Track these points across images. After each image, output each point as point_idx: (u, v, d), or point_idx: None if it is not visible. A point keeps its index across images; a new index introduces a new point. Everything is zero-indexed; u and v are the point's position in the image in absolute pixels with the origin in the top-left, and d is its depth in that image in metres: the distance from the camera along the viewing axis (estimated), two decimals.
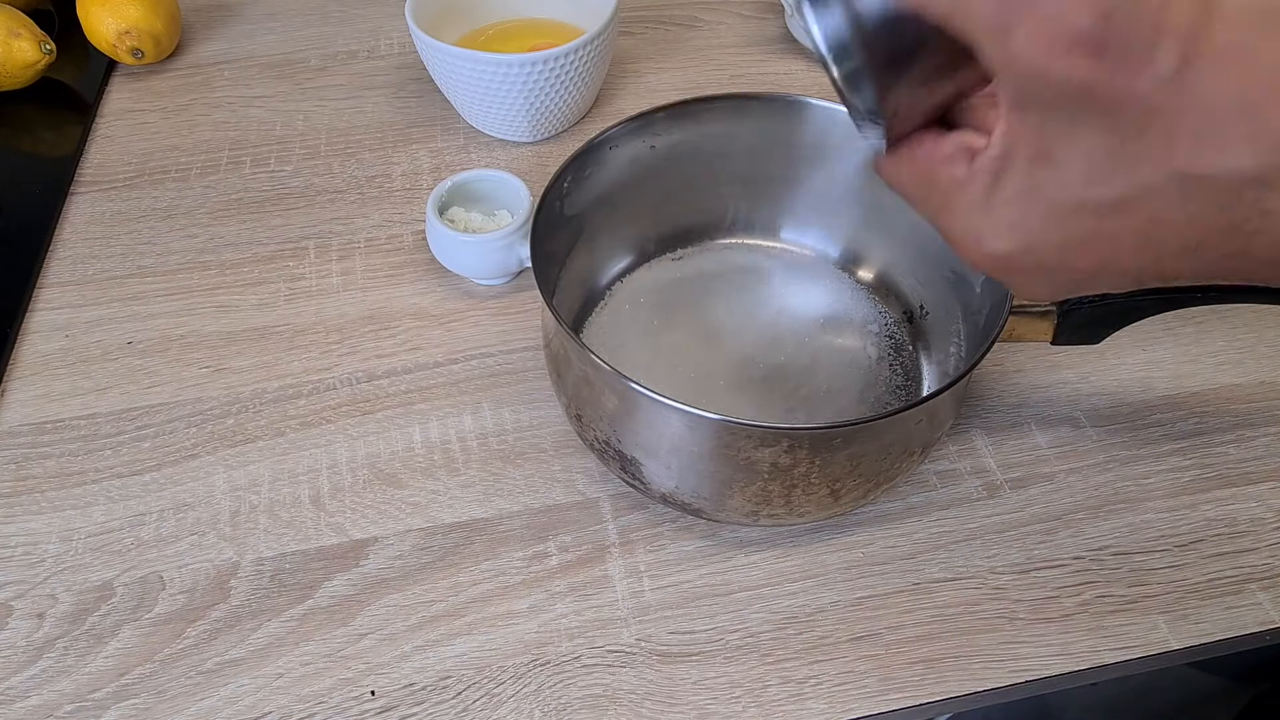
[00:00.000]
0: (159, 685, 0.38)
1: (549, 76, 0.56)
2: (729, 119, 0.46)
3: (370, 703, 0.37)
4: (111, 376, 0.48)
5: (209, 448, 0.45)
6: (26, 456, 0.45)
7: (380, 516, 0.43)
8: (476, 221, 0.52)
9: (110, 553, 0.41)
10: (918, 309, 0.47)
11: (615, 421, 0.38)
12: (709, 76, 0.67)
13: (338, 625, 0.39)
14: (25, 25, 0.63)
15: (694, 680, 0.38)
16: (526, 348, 0.50)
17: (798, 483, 0.36)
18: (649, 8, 0.74)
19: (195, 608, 0.40)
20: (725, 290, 0.48)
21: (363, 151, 0.61)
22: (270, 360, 0.49)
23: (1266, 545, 0.42)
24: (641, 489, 0.40)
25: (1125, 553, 0.42)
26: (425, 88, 0.65)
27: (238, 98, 0.65)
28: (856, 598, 0.40)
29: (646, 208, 0.48)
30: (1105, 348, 0.46)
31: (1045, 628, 0.39)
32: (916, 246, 0.46)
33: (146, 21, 0.64)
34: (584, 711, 0.37)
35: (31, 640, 0.39)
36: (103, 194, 0.58)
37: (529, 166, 0.60)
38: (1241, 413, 0.47)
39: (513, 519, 0.43)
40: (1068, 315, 0.38)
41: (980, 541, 0.42)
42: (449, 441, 0.45)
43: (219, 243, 0.55)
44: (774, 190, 0.49)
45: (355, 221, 0.56)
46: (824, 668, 0.38)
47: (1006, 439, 0.46)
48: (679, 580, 0.41)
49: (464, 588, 0.40)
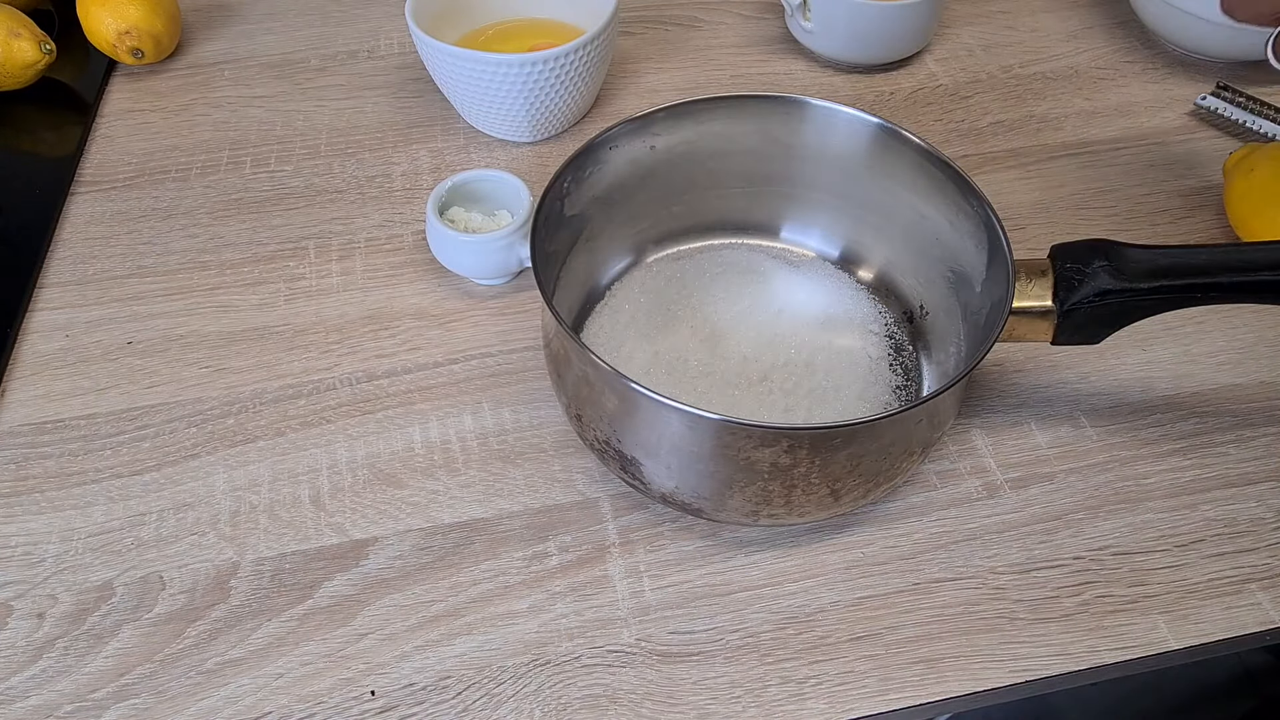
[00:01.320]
0: (159, 685, 0.38)
1: (549, 76, 0.56)
2: (729, 119, 0.46)
3: (370, 703, 0.37)
4: (111, 376, 0.48)
5: (209, 448, 0.45)
6: (26, 456, 0.45)
7: (380, 516, 0.43)
8: (476, 221, 0.52)
9: (110, 553, 0.41)
10: (918, 309, 0.47)
11: (615, 421, 0.38)
12: (709, 76, 0.67)
13: (338, 625, 0.39)
14: (25, 25, 0.62)
15: (694, 680, 0.38)
16: (526, 348, 0.50)
17: (798, 483, 0.36)
18: (649, 8, 0.74)
19: (195, 608, 0.40)
20: (725, 290, 0.48)
21: (363, 151, 0.61)
22: (270, 360, 0.49)
23: (1266, 545, 0.42)
24: (641, 489, 0.40)
25: (1125, 553, 0.42)
26: (425, 88, 0.65)
27: (238, 98, 0.65)
28: (856, 598, 0.40)
29: (646, 208, 0.48)
30: (1105, 348, 0.46)
31: (1045, 628, 0.39)
32: (916, 246, 0.46)
33: (146, 21, 0.64)
34: (584, 711, 0.37)
35: (31, 640, 0.39)
36: (103, 194, 0.58)
37: (529, 166, 0.60)
38: (1241, 413, 0.47)
39: (513, 519, 0.43)
40: (1068, 315, 0.38)
41: (980, 541, 0.42)
42: (449, 441, 0.45)
43: (219, 243, 0.55)
44: (774, 190, 0.49)
45: (355, 221, 0.56)
46: (824, 668, 0.38)
47: (1006, 439, 0.46)
48: (679, 580, 0.41)
49: (464, 588, 0.40)
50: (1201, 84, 0.66)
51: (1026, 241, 0.55)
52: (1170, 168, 0.60)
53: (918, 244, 0.46)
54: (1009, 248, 0.38)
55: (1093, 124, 0.63)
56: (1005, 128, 0.63)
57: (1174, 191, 0.59)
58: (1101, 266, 0.37)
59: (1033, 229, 0.56)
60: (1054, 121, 0.63)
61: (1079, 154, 0.61)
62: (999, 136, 0.62)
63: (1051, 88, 0.66)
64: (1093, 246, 0.38)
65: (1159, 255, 0.38)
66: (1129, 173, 0.60)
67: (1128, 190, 0.59)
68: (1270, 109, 0.61)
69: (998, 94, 0.66)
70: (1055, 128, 0.63)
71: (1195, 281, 0.37)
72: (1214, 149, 0.61)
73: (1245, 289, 0.37)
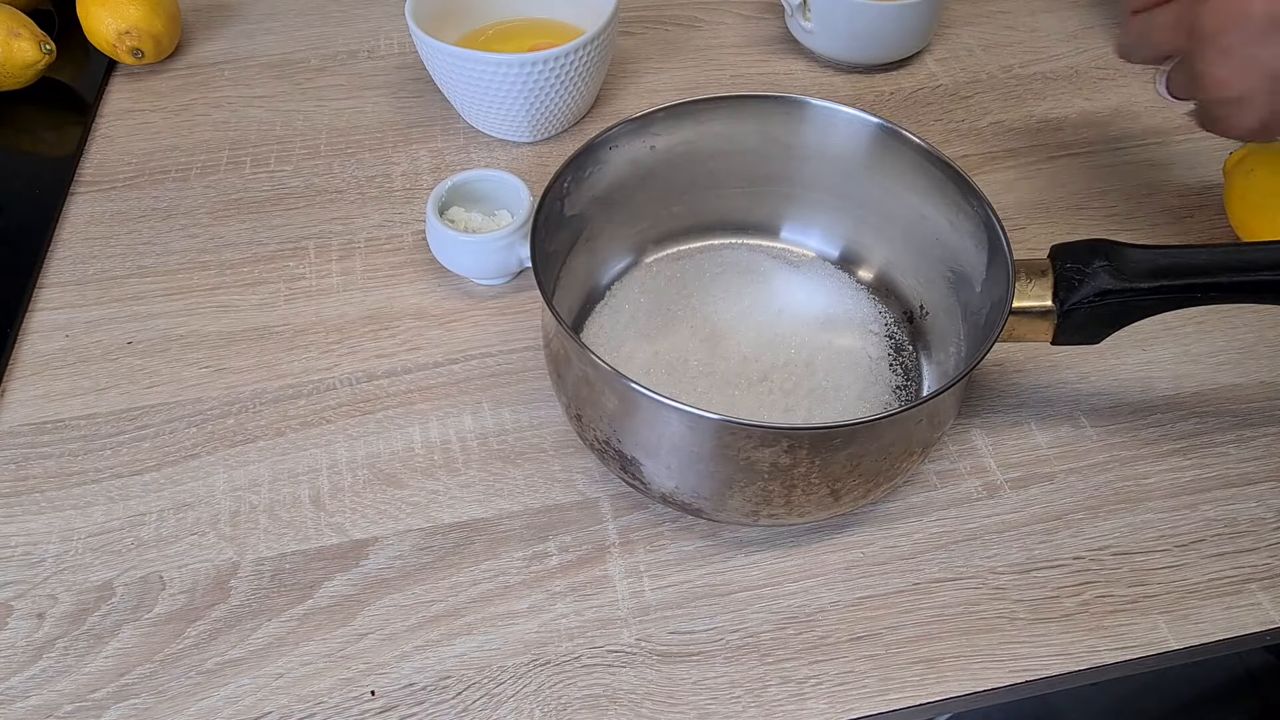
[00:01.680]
0: (159, 685, 0.38)
1: (549, 76, 0.56)
2: (729, 119, 0.46)
3: (370, 703, 0.37)
4: (111, 376, 0.48)
5: (209, 448, 0.45)
6: (26, 456, 0.45)
7: (380, 516, 0.43)
8: (476, 221, 0.52)
9: (110, 553, 0.41)
10: (918, 309, 0.47)
11: (615, 421, 0.38)
12: (709, 76, 0.67)
13: (338, 625, 0.39)
14: (25, 25, 0.62)
15: (694, 680, 0.38)
16: (526, 348, 0.50)
17: (798, 483, 0.36)
18: (649, 8, 0.74)
19: (195, 608, 0.40)
20: (725, 290, 0.48)
21: (363, 151, 0.61)
22: (270, 360, 0.49)
23: (1266, 545, 0.42)
24: (641, 489, 0.40)
25: (1125, 553, 0.42)
26: (425, 88, 0.65)
27: (238, 98, 0.65)
28: (856, 598, 0.40)
29: (646, 208, 0.48)
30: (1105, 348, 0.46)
31: (1045, 628, 0.39)
32: (916, 246, 0.46)
33: (146, 21, 0.64)
34: (584, 711, 0.37)
35: (31, 640, 0.39)
36: (103, 194, 0.58)
37: (529, 166, 0.60)
38: (1241, 413, 0.47)
39: (513, 519, 0.43)
40: (1068, 315, 0.38)
41: (980, 541, 0.42)
42: (449, 441, 0.45)
43: (219, 243, 0.55)
44: (774, 190, 0.49)
45: (355, 221, 0.56)
46: (824, 668, 0.38)
47: (1006, 439, 0.46)
48: (679, 580, 0.41)
49: (464, 588, 0.40)
50: None
51: (1026, 241, 0.55)
52: (1170, 168, 0.60)
53: (918, 244, 0.46)
54: (1009, 248, 0.38)
55: (1093, 124, 0.63)
56: (1005, 128, 0.63)
57: (1174, 191, 0.59)
58: (1101, 266, 0.37)
59: (1033, 229, 0.56)
60: (1054, 121, 0.63)
61: (1079, 154, 0.61)
62: (999, 136, 0.62)
63: (1051, 88, 0.66)
64: (1093, 246, 0.38)
65: (1159, 255, 0.38)
66: (1129, 173, 0.60)
67: (1128, 190, 0.59)
68: None
69: (998, 94, 0.66)
70: (1055, 128, 0.63)
71: (1195, 281, 0.37)
72: (1214, 149, 0.61)
73: (1245, 289, 0.37)
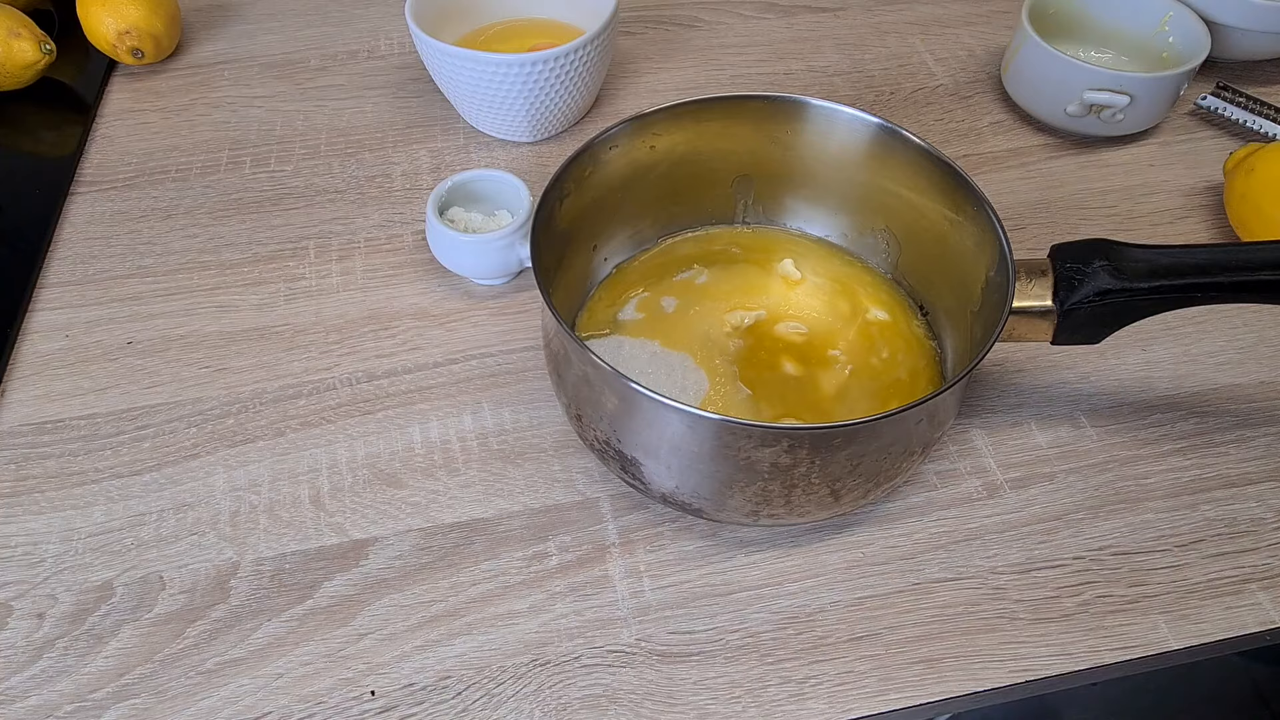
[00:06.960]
0: (159, 685, 0.38)
1: (549, 76, 0.56)
2: (729, 119, 0.46)
3: (370, 703, 0.37)
4: (111, 376, 0.48)
5: (209, 448, 0.45)
6: (26, 456, 0.45)
7: (380, 516, 0.43)
8: (476, 221, 0.52)
9: (110, 553, 0.41)
10: (918, 309, 0.47)
11: (615, 421, 0.38)
12: (709, 76, 0.67)
13: (338, 625, 0.39)
14: (25, 25, 0.62)
15: (694, 680, 0.38)
16: (526, 348, 0.50)
17: (798, 483, 0.36)
18: (649, 8, 0.74)
19: (195, 608, 0.40)
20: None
21: (363, 151, 0.61)
22: (270, 360, 0.49)
23: (1266, 545, 0.42)
24: (641, 489, 0.40)
25: (1125, 553, 0.42)
26: (425, 88, 0.65)
27: (238, 98, 0.65)
28: (856, 598, 0.40)
29: (646, 208, 0.48)
30: (1105, 348, 0.46)
31: (1045, 628, 0.39)
32: (916, 246, 0.46)
33: (146, 21, 0.64)
34: (584, 711, 0.37)
35: (31, 640, 0.39)
36: (103, 194, 0.58)
37: (529, 166, 0.60)
38: (1241, 413, 0.47)
39: (513, 519, 0.43)
40: (1068, 315, 0.38)
41: (980, 541, 0.42)
42: (449, 441, 0.45)
43: (219, 243, 0.55)
44: (773, 190, 0.49)
45: (355, 221, 0.56)
46: (824, 668, 0.38)
47: (1006, 439, 0.46)
48: (679, 580, 0.41)
49: (464, 588, 0.40)
50: (1201, 84, 0.66)
51: (1026, 241, 0.55)
52: (1170, 168, 0.60)
53: (917, 244, 0.46)
54: (1009, 248, 0.38)
55: None
56: (1005, 128, 0.63)
57: (1174, 191, 0.59)
58: (1101, 266, 0.37)
59: (1033, 229, 0.56)
60: None
61: (1079, 154, 0.61)
62: (999, 136, 0.62)
63: None
64: (1093, 246, 0.38)
65: (1159, 255, 0.38)
66: (1129, 173, 0.60)
67: (1128, 190, 0.59)
68: (1270, 109, 0.61)
69: (998, 94, 0.66)
70: (1054, 128, 0.63)
71: (1195, 281, 0.37)
72: (1214, 149, 0.61)
73: (1245, 289, 0.37)
